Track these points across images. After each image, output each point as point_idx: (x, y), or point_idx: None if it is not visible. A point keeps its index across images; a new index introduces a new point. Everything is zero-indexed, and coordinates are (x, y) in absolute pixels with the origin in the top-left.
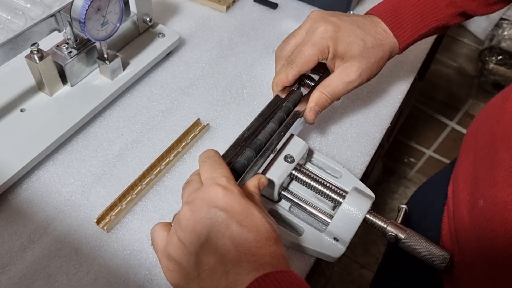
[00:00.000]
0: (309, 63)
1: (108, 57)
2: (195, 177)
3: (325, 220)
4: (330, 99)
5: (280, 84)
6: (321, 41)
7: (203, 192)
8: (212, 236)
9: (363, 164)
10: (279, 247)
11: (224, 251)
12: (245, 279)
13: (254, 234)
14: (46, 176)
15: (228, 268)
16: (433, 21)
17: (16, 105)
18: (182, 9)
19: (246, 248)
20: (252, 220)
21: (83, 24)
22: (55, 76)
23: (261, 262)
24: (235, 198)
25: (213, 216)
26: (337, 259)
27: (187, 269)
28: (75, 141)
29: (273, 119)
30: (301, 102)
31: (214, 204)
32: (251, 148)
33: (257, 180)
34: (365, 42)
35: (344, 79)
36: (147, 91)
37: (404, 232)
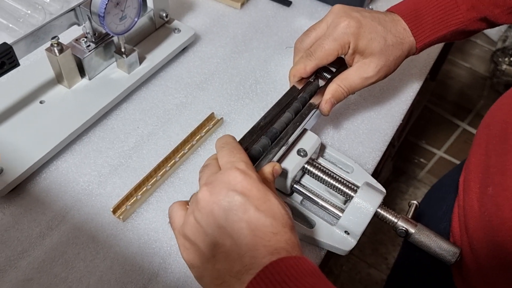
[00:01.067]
0: (328, 57)
1: (125, 51)
2: (213, 161)
3: (337, 213)
4: (346, 93)
5: (297, 75)
6: (342, 36)
7: (222, 175)
8: (229, 219)
9: (374, 160)
10: (294, 235)
11: (241, 234)
12: (260, 263)
13: (271, 220)
14: (64, 166)
15: (243, 252)
16: (453, 24)
17: (35, 97)
18: (197, 5)
19: (263, 233)
20: (270, 206)
21: (102, 18)
22: (74, 69)
23: (276, 247)
24: (253, 183)
25: (232, 199)
26: (347, 252)
27: (202, 249)
28: (92, 132)
29: (289, 109)
30: (317, 94)
31: (232, 188)
32: (267, 136)
33: (271, 167)
34: (386, 39)
35: (362, 74)
36: (162, 85)
37: (414, 227)
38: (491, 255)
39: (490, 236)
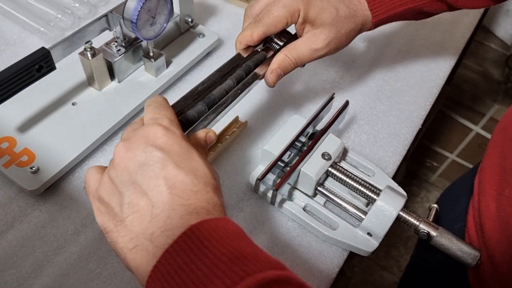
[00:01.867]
0: (277, 24)
1: (153, 56)
2: (138, 120)
3: (360, 216)
4: (293, 64)
5: (243, 42)
6: (292, 3)
7: (142, 131)
8: (144, 175)
9: (394, 164)
10: (217, 195)
11: (157, 192)
12: (177, 224)
13: (191, 178)
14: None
15: (158, 211)
16: (410, 1)
17: (68, 99)
18: (219, 10)
19: (181, 190)
20: (191, 164)
21: (135, 24)
22: (105, 72)
23: (196, 206)
24: (175, 138)
25: (149, 155)
26: (370, 253)
27: (115, 210)
28: (121, 133)
29: (231, 76)
30: (263, 64)
31: (151, 143)
32: (204, 102)
33: (205, 133)
34: (338, 10)
35: (311, 46)
36: (187, 89)
37: (436, 230)
38: (508, 255)
39: (508, 237)
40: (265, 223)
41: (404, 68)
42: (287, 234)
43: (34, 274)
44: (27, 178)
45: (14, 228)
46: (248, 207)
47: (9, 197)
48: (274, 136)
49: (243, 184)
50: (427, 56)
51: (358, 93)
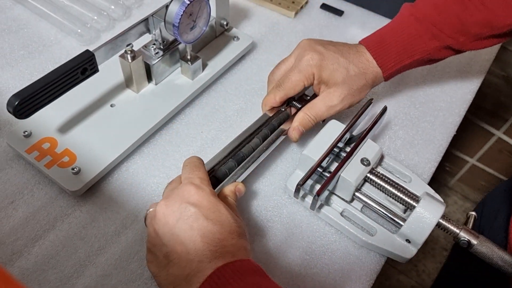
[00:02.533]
0: (295, 87)
1: (190, 58)
2: (176, 178)
3: (398, 222)
4: (313, 121)
5: (268, 104)
6: (306, 68)
7: (178, 190)
8: (181, 228)
9: (430, 171)
10: (241, 240)
11: (191, 241)
12: (206, 266)
13: (218, 227)
14: (134, 167)
15: (192, 257)
16: (417, 53)
17: (106, 101)
18: (252, 13)
19: (210, 239)
20: (218, 215)
21: (176, 27)
22: (143, 74)
23: (222, 251)
24: (205, 195)
25: (184, 210)
26: (407, 260)
27: (159, 257)
28: (158, 136)
29: (257, 135)
30: (287, 121)
31: (186, 200)
32: (234, 159)
33: (234, 186)
34: (348, 70)
35: (327, 103)
36: (223, 92)
37: (476, 239)
38: None
39: None
40: (302, 227)
41: (438, 74)
42: (324, 238)
43: (76, 274)
44: (69, 179)
45: (56, 228)
46: (286, 211)
47: (50, 197)
48: (312, 141)
49: (280, 188)
50: (461, 61)
51: (392, 98)
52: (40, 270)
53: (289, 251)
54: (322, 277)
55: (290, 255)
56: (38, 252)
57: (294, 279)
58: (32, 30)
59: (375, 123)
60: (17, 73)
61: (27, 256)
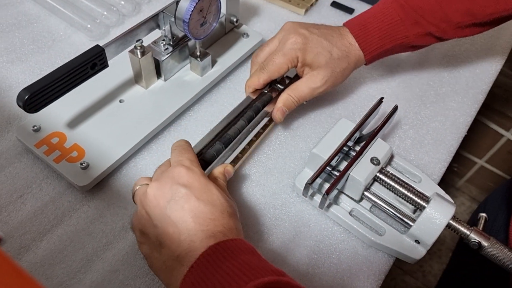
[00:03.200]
0: (279, 70)
1: (200, 55)
2: (165, 162)
3: (407, 222)
4: (296, 102)
5: (252, 86)
6: (290, 52)
7: (169, 172)
8: (173, 209)
9: (440, 171)
10: (232, 220)
11: (182, 222)
12: (198, 246)
13: (209, 207)
14: (142, 163)
15: (184, 237)
16: (399, 38)
17: (115, 96)
18: (262, 10)
19: (202, 219)
20: (209, 196)
21: (187, 23)
22: (152, 70)
23: (213, 231)
24: (195, 176)
25: (175, 192)
26: (416, 261)
27: (152, 239)
28: (167, 132)
29: (243, 117)
30: (270, 103)
31: (176, 181)
32: (221, 141)
33: (222, 168)
34: (331, 53)
35: (310, 85)
36: (231, 89)
37: (487, 240)
38: None
39: None
40: (310, 226)
41: (449, 73)
42: (332, 238)
43: (84, 269)
44: (78, 174)
45: (64, 223)
46: (294, 209)
47: (59, 192)
48: (322, 139)
49: (288, 187)
50: (472, 61)
51: (402, 97)
52: (48, 265)
53: (296, 249)
54: (330, 276)
55: (298, 253)
56: (46, 246)
57: (302, 278)
58: (42, 25)
59: (385, 122)
60: (27, 67)
61: (35, 250)
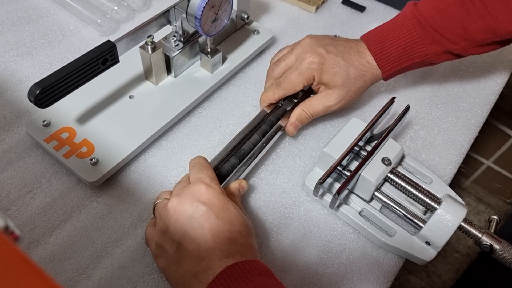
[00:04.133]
0: (294, 88)
1: (210, 51)
2: (185, 178)
3: (418, 224)
4: (309, 117)
5: (266, 101)
6: (307, 71)
7: (189, 188)
8: (192, 226)
9: (451, 172)
10: (250, 239)
11: (202, 240)
12: (216, 264)
13: (228, 226)
14: (151, 160)
15: (203, 255)
16: (417, 56)
17: (125, 92)
18: (273, 7)
19: (221, 238)
20: (228, 214)
21: (199, 20)
22: (163, 66)
23: (231, 251)
24: (215, 194)
25: (195, 209)
26: (426, 263)
27: (170, 253)
28: (176, 129)
29: (257, 131)
30: (284, 116)
31: (197, 199)
32: (236, 156)
33: (237, 184)
34: (348, 73)
35: (324, 103)
36: (242, 86)
37: (499, 243)
38: None
39: None
40: (320, 226)
41: (461, 74)
42: (342, 238)
43: (93, 265)
44: (87, 170)
45: (73, 219)
46: (303, 209)
47: (68, 187)
48: (333, 139)
49: (298, 186)
50: (484, 62)
51: (413, 97)
52: (57, 260)
53: (306, 249)
54: (339, 276)
55: (307, 253)
56: (55, 241)
57: (311, 278)
58: (52, 19)
59: (397, 121)
60: (36, 62)
61: (44, 245)
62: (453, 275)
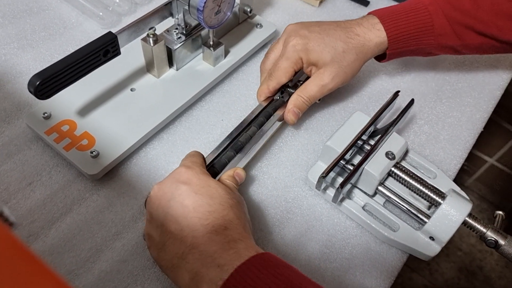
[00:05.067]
0: (286, 74)
1: (213, 44)
2: None
3: (422, 218)
4: (307, 101)
5: (262, 94)
6: (293, 54)
7: (171, 174)
8: (173, 207)
9: (455, 167)
10: (233, 211)
11: (183, 217)
12: (201, 241)
13: (207, 200)
14: (153, 153)
15: (186, 233)
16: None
17: (127, 85)
18: (276, 1)
19: (201, 213)
20: (208, 190)
21: (201, 12)
22: (165, 59)
23: (214, 224)
24: (194, 173)
25: (175, 189)
26: (431, 258)
27: (156, 240)
28: (178, 122)
29: (254, 123)
30: (282, 107)
31: (176, 180)
32: (232, 148)
33: (232, 171)
34: (335, 48)
35: (318, 82)
36: (244, 80)
37: (504, 239)
38: None
39: None
40: (322, 220)
41: (466, 69)
42: (345, 232)
43: (93, 258)
44: (88, 162)
45: (73, 212)
46: (306, 203)
47: (68, 180)
48: (336, 132)
49: (301, 180)
50: (489, 56)
51: (418, 92)
52: (57, 253)
53: (308, 244)
54: (342, 272)
55: (310, 248)
56: (55, 235)
57: (313, 273)
58: (53, 11)
59: (401, 115)
60: (37, 54)
61: (44, 238)
62: (455, 273)
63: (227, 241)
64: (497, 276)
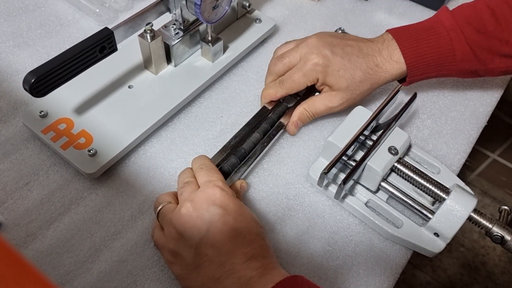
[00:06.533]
0: (298, 88)
1: (211, 40)
2: (192, 179)
3: (426, 214)
4: (311, 117)
5: (268, 98)
6: (311, 73)
7: (203, 192)
8: (210, 231)
9: (459, 162)
10: (265, 241)
11: (221, 244)
12: (239, 268)
13: (246, 230)
14: (151, 151)
15: (224, 259)
16: (443, 70)
17: (124, 82)
18: None
19: (240, 242)
20: (245, 218)
21: (198, 6)
22: (162, 55)
23: (252, 253)
24: (230, 198)
25: (213, 213)
26: (435, 254)
27: (187, 260)
28: (177, 119)
29: (258, 129)
30: (285, 114)
31: (212, 203)
32: (236, 155)
33: (238, 185)
34: (354, 76)
35: (327, 104)
36: (243, 76)
37: (510, 234)
38: None
39: None
40: (325, 217)
41: None
42: (347, 229)
43: (91, 259)
44: (85, 161)
45: (71, 211)
46: (308, 200)
47: (66, 179)
48: (338, 128)
49: (302, 176)
50: None
51: (419, 86)
52: (55, 254)
53: (310, 241)
54: (345, 269)
55: (312, 245)
56: (53, 235)
57: (316, 271)
58: (49, 9)
59: (404, 110)
60: (34, 52)
61: (42, 239)
62: (458, 269)
63: (264, 268)
64: (500, 272)
